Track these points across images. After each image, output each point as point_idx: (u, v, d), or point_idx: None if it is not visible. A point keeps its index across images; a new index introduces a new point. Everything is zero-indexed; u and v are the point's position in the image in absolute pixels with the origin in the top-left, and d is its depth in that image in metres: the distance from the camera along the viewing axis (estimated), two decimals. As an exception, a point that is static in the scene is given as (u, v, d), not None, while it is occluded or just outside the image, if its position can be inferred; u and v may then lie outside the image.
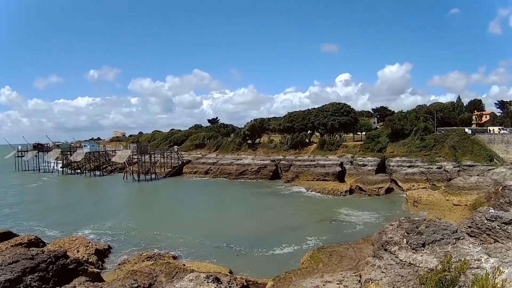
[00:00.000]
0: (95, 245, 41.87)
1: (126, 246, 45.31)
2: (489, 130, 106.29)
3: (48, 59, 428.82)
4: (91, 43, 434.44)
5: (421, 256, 22.73)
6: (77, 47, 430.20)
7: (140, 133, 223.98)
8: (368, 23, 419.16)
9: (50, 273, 23.36)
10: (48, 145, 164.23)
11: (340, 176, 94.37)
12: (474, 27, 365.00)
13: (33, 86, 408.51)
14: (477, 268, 18.67)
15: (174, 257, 39.21)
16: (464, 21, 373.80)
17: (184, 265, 35.00)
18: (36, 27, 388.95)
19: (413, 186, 79.34)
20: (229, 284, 23.78)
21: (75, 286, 21.94)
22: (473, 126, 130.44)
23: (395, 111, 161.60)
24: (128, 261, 37.42)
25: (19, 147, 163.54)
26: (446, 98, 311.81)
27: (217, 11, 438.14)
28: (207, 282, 21.05)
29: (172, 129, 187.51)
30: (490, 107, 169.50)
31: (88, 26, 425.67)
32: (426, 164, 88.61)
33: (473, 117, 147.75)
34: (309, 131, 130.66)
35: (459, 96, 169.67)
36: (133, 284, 22.38)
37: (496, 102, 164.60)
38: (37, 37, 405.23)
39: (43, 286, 22.40)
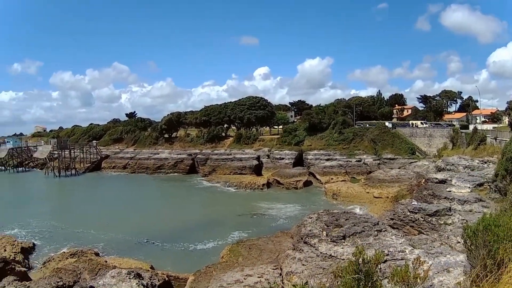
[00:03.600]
0: (21, 243, 41.85)
1: (50, 244, 45.13)
2: (411, 124, 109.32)
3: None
4: (14, 34, 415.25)
5: (342, 248, 23.00)
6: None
7: (61, 128, 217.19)
8: (290, 16, 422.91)
9: (-20, 274, 23.38)
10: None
11: (257, 170, 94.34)
12: (401, 23, 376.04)
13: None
14: (401, 259, 18.65)
15: (97, 254, 39.32)
16: (391, 16, 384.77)
17: (106, 261, 35.36)
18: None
19: (331, 179, 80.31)
20: (150, 279, 25.01)
21: (5, 286, 21.58)
22: (394, 120, 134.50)
23: (314, 105, 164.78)
24: (53, 259, 37.29)
25: None
26: (367, 92, 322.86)
27: (136, 2, 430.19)
28: (129, 278, 21.98)
29: (91, 124, 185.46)
30: (413, 102, 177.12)
31: (9, 18, 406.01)
32: (344, 157, 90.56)
33: (394, 111, 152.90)
34: (225, 125, 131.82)
35: (379, 90, 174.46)
36: (58, 282, 22.19)
37: (419, 96, 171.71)
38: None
39: (-27, 287, 22.42)
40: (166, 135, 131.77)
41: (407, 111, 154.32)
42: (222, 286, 23.81)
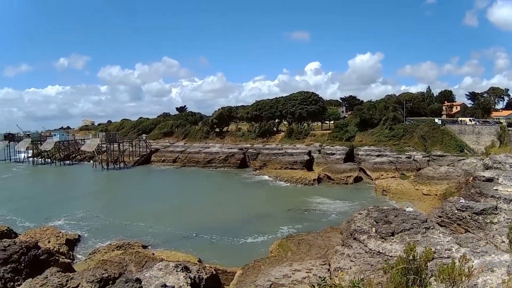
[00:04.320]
0: (66, 235, 42.20)
1: (96, 236, 45.76)
2: (460, 120, 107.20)
3: (17, 48, 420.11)
4: (60, 30, 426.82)
5: (391, 245, 22.78)
6: (46, 35, 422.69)
7: (109, 121, 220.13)
8: (340, 11, 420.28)
9: (23, 264, 23.25)
10: (19, 135, 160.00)
11: (308, 165, 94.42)
12: (449, 18, 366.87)
13: (3, 75, 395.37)
14: (447, 257, 18.67)
15: (144, 246, 39.57)
16: (439, 11, 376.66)
17: (153, 254, 35.27)
18: (2, 15, 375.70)
19: (382, 175, 79.60)
20: (198, 272, 24.77)
21: (47, 277, 21.02)
22: (443, 117, 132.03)
23: (364, 101, 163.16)
24: (98, 251, 37.71)
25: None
26: (417, 88, 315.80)
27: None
28: (176, 271, 21.77)
29: (141, 118, 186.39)
30: (462, 98, 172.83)
31: (56, 13, 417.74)
32: (395, 153, 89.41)
33: (443, 107, 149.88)
34: (277, 120, 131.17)
35: (428, 86, 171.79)
36: (103, 274, 21.72)
37: (467, 93, 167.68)
38: (3, 26, 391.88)
39: (15, 277, 22.24)
40: (217, 129, 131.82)
41: (456, 108, 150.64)
42: (270, 281, 24.07)
